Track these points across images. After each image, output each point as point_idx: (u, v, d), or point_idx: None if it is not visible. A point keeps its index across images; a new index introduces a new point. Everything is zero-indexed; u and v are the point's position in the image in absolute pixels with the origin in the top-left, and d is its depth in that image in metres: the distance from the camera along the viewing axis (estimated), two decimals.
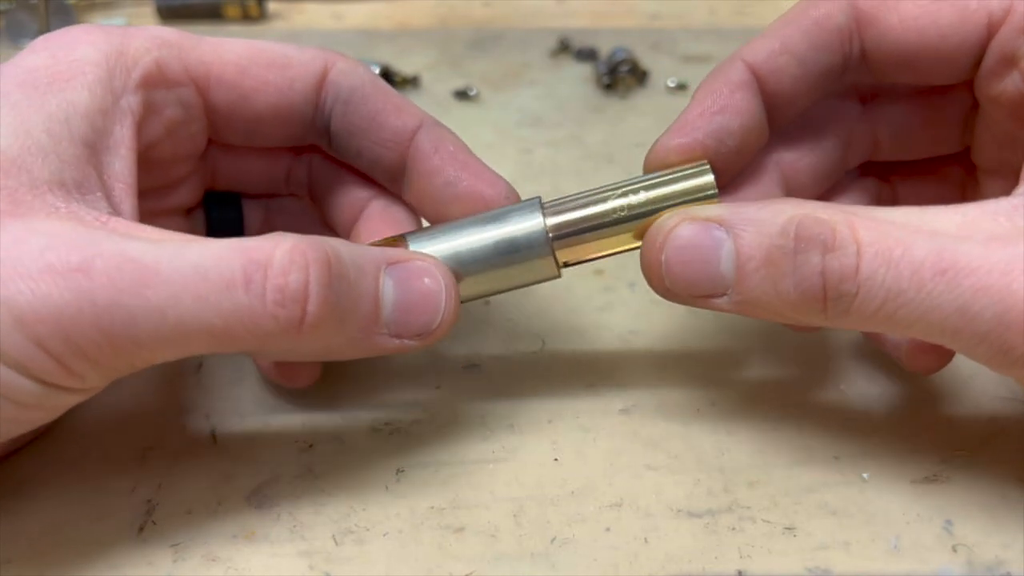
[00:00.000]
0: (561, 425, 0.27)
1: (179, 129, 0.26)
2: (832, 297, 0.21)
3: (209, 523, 0.24)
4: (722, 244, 0.22)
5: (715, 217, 0.23)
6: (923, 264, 0.20)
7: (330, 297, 0.21)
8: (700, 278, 0.23)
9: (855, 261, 0.20)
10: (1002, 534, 0.23)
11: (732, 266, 0.22)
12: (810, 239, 0.21)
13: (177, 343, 0.20)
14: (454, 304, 0.24)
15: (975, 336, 0.20)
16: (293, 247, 0.20)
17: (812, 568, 0.22)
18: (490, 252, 0.25)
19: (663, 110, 0.50)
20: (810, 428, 0.27)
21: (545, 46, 0.60)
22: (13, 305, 0.19)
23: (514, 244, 0.24)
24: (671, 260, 0.23)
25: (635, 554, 0.23)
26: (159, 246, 0.20)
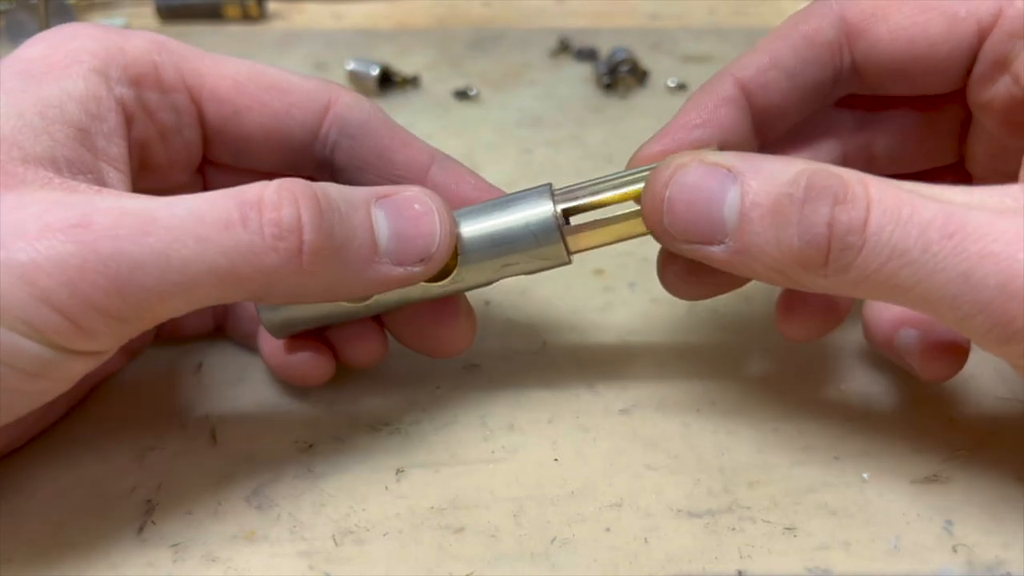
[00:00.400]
0: (561, 425, 0.27)
1: (172, 135, 0.26)
2: (836, 249, 0.20)
3: (209, 523, 0.24)
4: (728, 189, 0.22)
5: (726, 163, 0.22)
6: (931, 225, 0.20)
7: (324, 226, 0.21)
8: (700, 221, 0.22)
9: (864, 215, 0.20)
10: (1002, 534, 0.23)
11: (735, 212, 0.22)
12: (822, 189, 0.21)
13: (186, 287, 0.20)
14: (448, 226, 0.24)
15: (976, 304, 0.19)
16: (280, 185, 0.21)
17: (812, 568, 0.22)
18: (501, 237, 0.25)
19: (663, 110, 0.50)
20: (810, 428, 0.27)
21: (545, 46, 0.60)
22: (15, 263, 0.19)
23: (525, 230, 0.24)
24: (674, 198, 0.22)
25: (635, 554, 0.23)
26: (153, 200, 0.21)
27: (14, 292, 0.19)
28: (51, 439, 0.27)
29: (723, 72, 0.26)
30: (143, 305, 0.20)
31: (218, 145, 0.27)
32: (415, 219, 0.23)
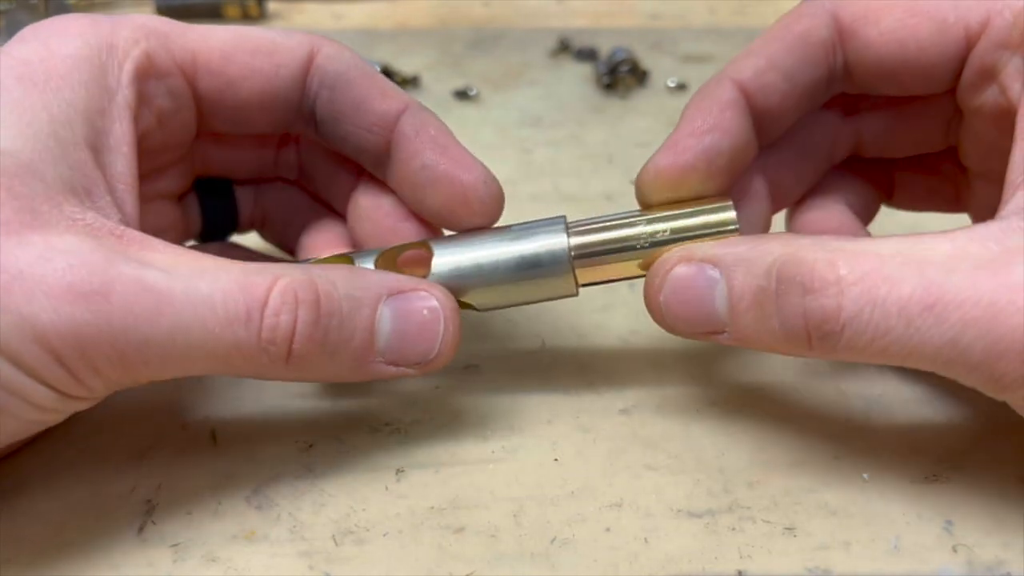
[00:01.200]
0: (561, 425, 0.27)
1: (169, 118, 0.26)
2: (816, 336, 0.21)
3: (209, 523, 0.24)
4: (716, 284, 0.23)
5: (709, 257, 0.23)
6: (910, 300, 0.20)
7: (316, 336, 0.22)
8: (697, 317, 0.24)
9: (837, 301, 0.21)
10: (1002, 534, 0.23)
11: (726, 305, 0.23)
12: (790, 280, 0.21)
13: (182, 366, 0.21)
14: (453, 334, 0.24)
15: (967, 366, 0.20)
16: (286, 288, 0.22)
17: (812, 568, 0.22)
18: (512, 267, 0.25)
19: (663, 110, 0.50)
20: (810, 428, 0.27)
21: (545, 46, 0.60)
22: (36, 322, 0.19)
23: (537, 260, 0.25)
24: (669, 300, 0.24)
25: (635, 554, 0.23)
26: (172, 275, 0.21)
27: (31, 347, 0.20)
28: (51, 439, 0.27)
29: (722, 76, 0.26)
30: (140, 372, 0.21)
31: (213, 117, 0.27)
32: (420, 325, 0.24)
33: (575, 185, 0.42)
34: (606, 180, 0.42)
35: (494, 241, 0.25)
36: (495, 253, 0.25)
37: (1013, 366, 0.20)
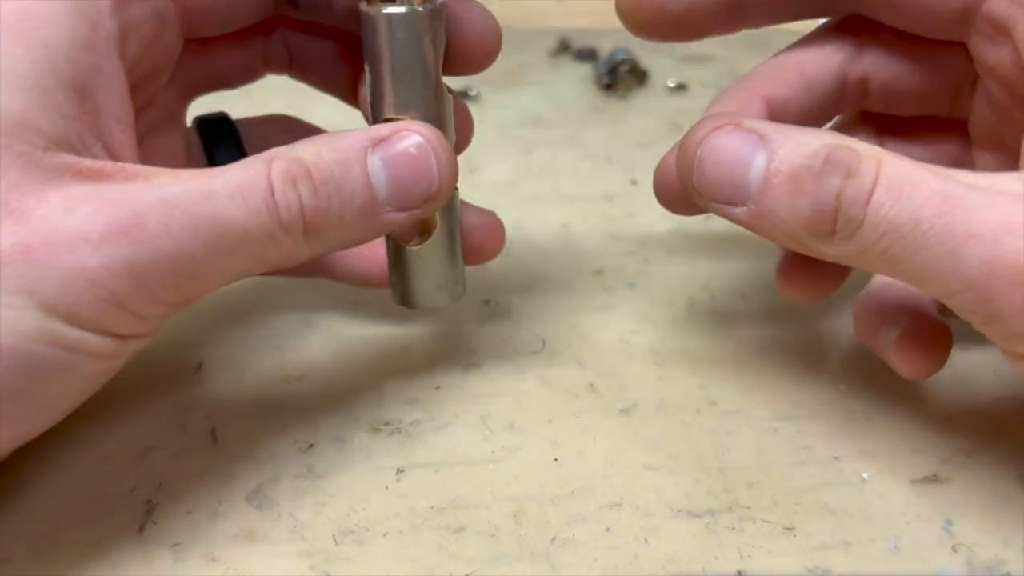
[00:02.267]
0: (561, 425, 0.27)
1: (155, 41, 0.25)
2: (842, 219, 0.21)
3: (209, 523, 0.24)
4: (756, 154, 0.22)
5: (760, 129, 0.23)
6: (925, 204, 0.20)
7: (320, 205, 0.22)
8: (727, 182, 0.23)
9: (869, 189, 0.21)
10: (1002, 534, 0.23)
11: (760, 177, 0.22)
12: (837, 163, 0.21)
13: (226, 271, 0.22)
14: (448, 163, 0.24)
15: (962, 281, 0.20)
16: (281, 169, 0.22)
17: (812, 568, 0.22)
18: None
19: (663, 110, 0.50)
20: (810, 428, 0.27)
21: (545, 46, 0.60)
22: (87, 270, 0.19)
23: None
24: (705, 158, 0.23)
25: (635, 554, 0.23)
26: (189, 188, 0.21)
27: (87, 298, 0.20)
28: (51, 439, 0.27)
29: None
30: (192, 290, 0.22)
31: (202, 23, 0.26)
32: (413, 165, 0.23)
33: (575, 185, 0.42)
34: (606, 180, 0.42)
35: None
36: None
37: (1005, 290, 0.20)
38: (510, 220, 0.30)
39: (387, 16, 0.24)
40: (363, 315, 0.32)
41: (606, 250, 0.36)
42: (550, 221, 0.38)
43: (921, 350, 0.25)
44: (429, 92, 0.25)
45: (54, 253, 0.19)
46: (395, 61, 0.25)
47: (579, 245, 0.37)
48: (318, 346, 0.31)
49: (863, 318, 0.27)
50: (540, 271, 0.35)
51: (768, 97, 0.27)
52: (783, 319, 0.32)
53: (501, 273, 0.35)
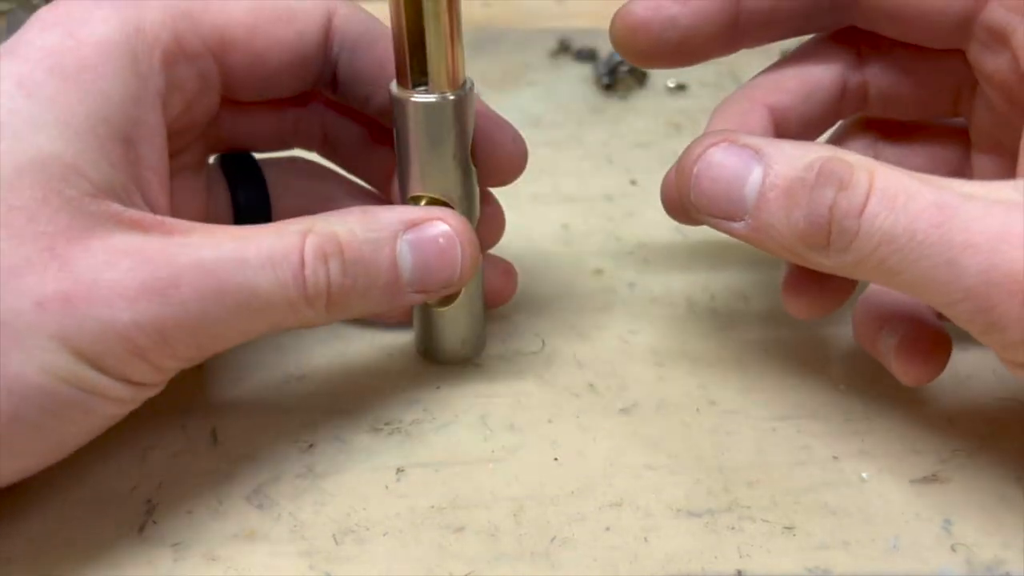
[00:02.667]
0: (561, 425, 0.27)
1: (197, 100, 0.26)
2: (835, 231, 0.21)
3: (209, 523, 0.24)
4: (751, 171, 0.23)
5: (754, 145, 0.23)
6: (922, 214, 0.20)
7: (347, 282, 0.23)
8: (723, 197, 0.23)
9: (863, 201, 0.21)
10: (1001, 534, 0.23)
11: (756, 191, 0.23)
12: (829, 175, 0.21)
13: (245, 333, 0.23)
14: (471, 256, 0.25)
15: (960, 291, 0.20)
16: (315, 244, 0.23)
17: (811, 568, 0.22)
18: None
19: (663, 111, 0.50)
20: (809, 428, 0.27)
21: (545, 46, 0.60)
22: (119, 325, 0.21)
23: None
24: (702, 174, 0.24)
25: (635, 554, 0.23)
26: (222, 254, 0.22)
27: (115, 349, 0.21)
28: None
29: None
30: (212, 350, 0.23)
31: (237, 90, 0.27)
32: (439, 253, 0.25)
33: (575, 185, 0.42)
34: (606, 180, 0.42)
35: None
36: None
37: (1004, 299, 0.20)
38: (510, 220, 0.30)
39: (416, 104, 0.25)
40: None
41: (606, 250, 0.36)
42: (550, 221, 0.38)
43: (920, 357, 0.26)
44: (455, 175, 0.26)
45: (92, 305, 0.20)
46: (424, 146, 0.25)
47: (579, 245, 0.37)
48: (318, 346, 0.31)
49: (862, 324, 0.27)
50: (540, 271, 0.35)
51: (770, 105, 0.27)
52: (783, 320, 0.32)
53: None
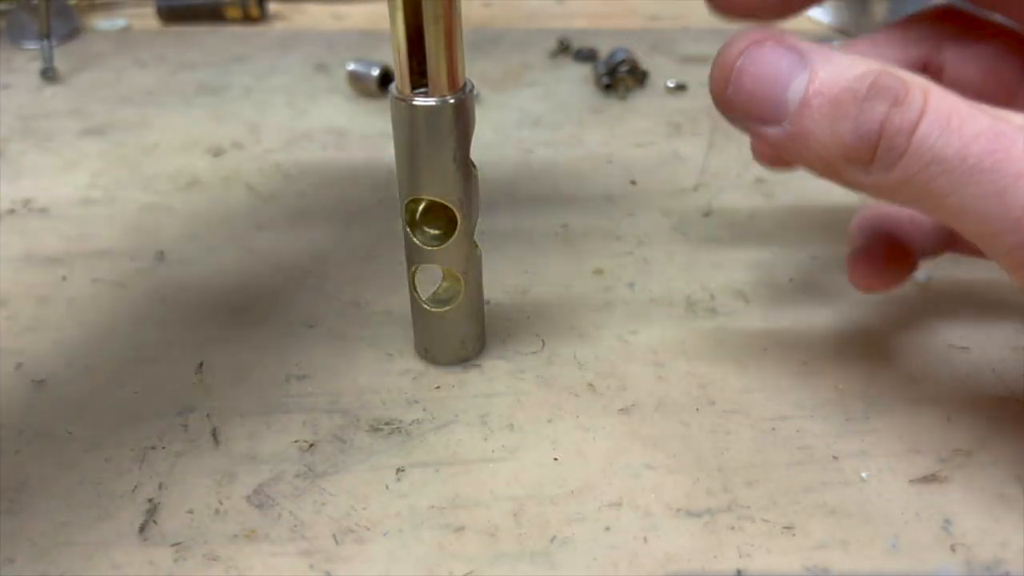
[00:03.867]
0: (561, 425, 0.27)
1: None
2: (884, 147, 0.21)
3: (210, 522, 0.24)
4: (797, 72, 0.22)
5: (802, 48, 0.22)
6: (975, 140, 0.20)
7: None
8: (764, 98, 0.23)
9: (916, 118, 0.21)
10: (1001, 533, 0.23)
11: (799, 96, 0.22)
12: (883, 89, 0.21)
13: None
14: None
15: (1004, 222, 0.20)
16: None
17: (811, 567, 0.22)
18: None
19: (663, 111, 0.50)
20: (809, 428, 0.27)
21: (545, 46, 0.60)
22: None
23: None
24: (744, 70, 0.23)
25: (634, 553, 0.23)
26: None
27: None
28: (52, 439, 0.27)
29: None
30: None
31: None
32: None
33: (575, 185, 0.42)
34: (606, 180, 0.42)
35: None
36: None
37: None
38: (510, 220, 0.30)
39: (416, 107, 0.25)
40: (363, 315, 0.33)
41: (606, 250, 0.36)
42: (550, 221, 0.39)
43: (875, 264, 0.27)
44: (456, 177, 0.26)
45: None
46: (424, 148, 0.25)
47: (579, 245, 0.37)
48: (318, 346, 0.31)
49: (856, 220, 0.29)
50: (540, 271, 0.35)
51: None
52: (782, 319, 0.32)
53: (501, 273, 0.35)
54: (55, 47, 0.61)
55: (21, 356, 0.31)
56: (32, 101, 0.54)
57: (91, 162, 0.46)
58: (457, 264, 0.27)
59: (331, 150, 0.47)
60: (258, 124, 0.50)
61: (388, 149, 0.46)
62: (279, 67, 0.60)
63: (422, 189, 0.26)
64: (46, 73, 0.57)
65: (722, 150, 0.45)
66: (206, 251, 0.37)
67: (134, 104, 0.54)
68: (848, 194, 0.37)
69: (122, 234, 0.39)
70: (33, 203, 0.41)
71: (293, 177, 0.44)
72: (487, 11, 0.71)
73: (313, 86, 0.56)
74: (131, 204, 0.41)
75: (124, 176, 0.44)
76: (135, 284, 0.35)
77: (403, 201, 0.27)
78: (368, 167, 0.45)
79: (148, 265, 0.36)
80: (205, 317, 0.33)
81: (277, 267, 0.36)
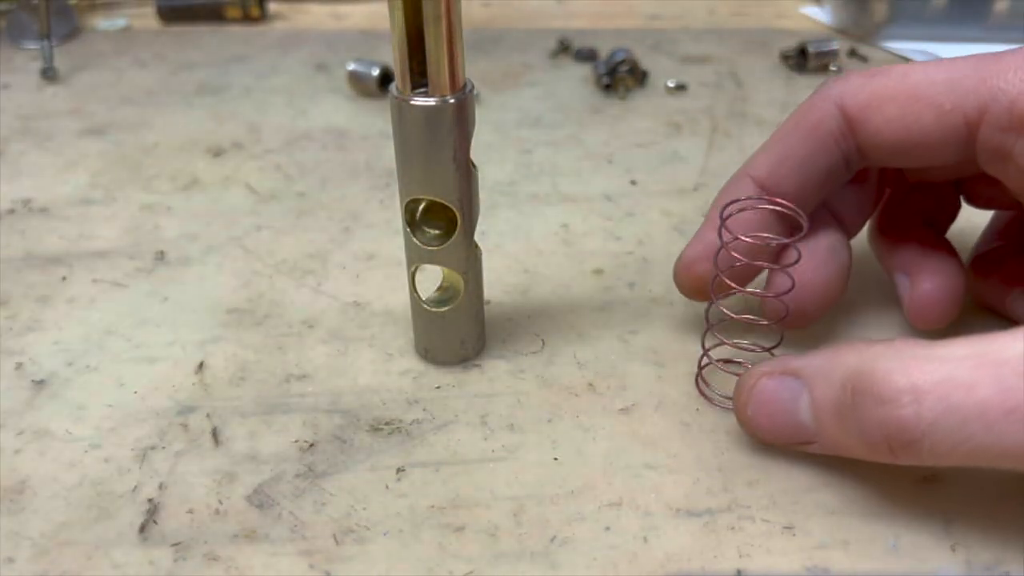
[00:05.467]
0: (561, 425, 0.27)
1: None
2: (897, 446, 0.21)
3: (210, 522, 0.24)
4: (800, 396, 0.24)
5: (790, 369, 0.24)
6: (988, 405, 0.20)
7: None
8: (784, 429, 0.25)
9: (914, 410, 0.20)
10: (1001, 533, 0.23)
11: (811, 416, 0.24)
12: (865, 393, 0.21)
13: None
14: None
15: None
16: None
17: (811, 567, 0.22)
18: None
19: (662, 110, 0.50)
20: None
21: (545, 46, 0.60)
22: None
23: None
24: (755, 414, 0.25)
25: (634, 553, 0.23)
26: None
27: None
28: (52, 439, 0.27)
29: (741, 173, 0.29)
30: None
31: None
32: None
33: (575, 185, 0.42)
34: (606, 180, 0.42)
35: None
36: None
37: None
38: (510, 220, 0.30)
39: (416, 107, 0.25)
40: (363, 315, 0.32)
41: (606, 250, 0.36)
42: (550, 221, 0.39)
43: (929, 305, 0.29)
44: (456, 178, 0.26)
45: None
46: (424, 149, 0.25)
47: (579, 245, 0.37)
48: (318, 346, 0.31)
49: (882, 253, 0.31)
50: (540, 271, 0.35)
51: (764, 186, 0.29)
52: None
53: (501, 273, 0.35)
54: (55, 47, 0.61)
55: (21, 356, 0.31)
56: (32, 101, 0.54)
57: (91, 162, 0.46)
58: (457, 264, 0.27)
59: (331, 150, 0.47)
60: (258, 124, 0.50)
61: (388, 149, 0.46)
62: (279, 67, 0.60)
63: (422, 189, 0.26)
64: (46, 73, 0.57)
65: (722, 150, 0.45)
66: (206, 251, 0.37)
67: (134, 104, 0.54)
68: None
69: (122, 234, 0.39)
70: (33, 203, 0.41)
71: (293, 177, 0.44)
72: (487, 11, 0.71)
73: (313, 86, 0.56)
74: (131, 204, 0.41)
75: (124, 176, 0.44)
76: (135, 284, 0.35)
77: (403, 201, 0.27)
78: (368, 167, 0.45)
79: (148, 265, 0.36)
80: (205, 317, 0.33)
81: (277, 267, 0.36)
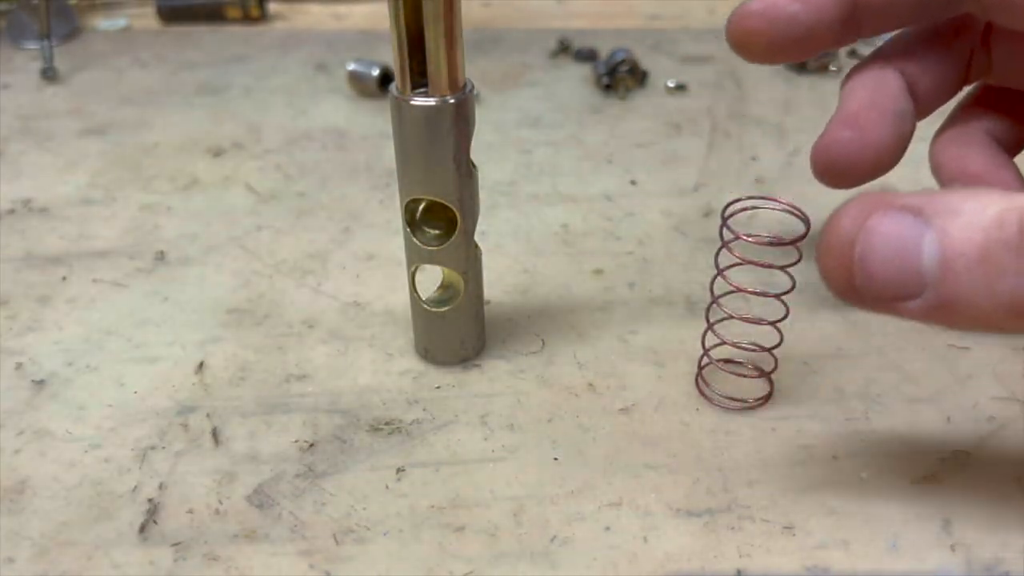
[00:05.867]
0: (561, 425, 0.27)
1: None
2: None
3: (210, 522, 0.24)
4: (922, 236, 0.19)
5: (912, 206, 0.20)
6: None
7: None
8: (899, 277, 0.20)
9: None
10: (1000, 533, 0.23)
11: (935, 263, 0.19)
12: None
13: None
14: None
15: None
16: None
17: (811, 567, 0.22)
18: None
19: (662, 110, 0.50)
20: (809, 428, 0.27)
21: (545, 47, 0.60)
22: None
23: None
24: (869, 256, 0.20)
25: (634, 553, 0.23)
26: None
27: None
28: (52, 439, 0.27)
29: None
30: None
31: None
32: None
33: (575, 185, 0.42)
34: (606, 180, 0.42)
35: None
36: None
37: None
38: (510, 220, 0.30)
39: (416, 107, 0.25)
40: (363, 315, 0.33)
41: (606, 250, 0.36)
42: (550, 221, 0.39)
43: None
44: (456, 177, 0.26)
45: None
46: (424, 148, 0.25)
47: (579, 245, 0.37)
48: (318, 346, 0.31)
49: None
50: (540, 271, 0.35)
51: (902, 70, 0.27)
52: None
53: (501, 273, 0.35)
54: (55, 47, 0.61)
55: (21, 356, 0.31)
56: (32, 101, 0.54)
57: (91, 162, 0.46)
58: (457, 264, 0.27)
59: (331, 150, 0.47)
60: (258, 124, 0.50)
61: (388, 149, 0.46)
62: (279, 67, 0.60)
63: (422, 189, 0.26)
64: (46, 73, 0.57)
65: (722, 150, 0.45)
66: (206, 251, 0.37)
67: (134, 104, 0.54)
68: (847, 193, 0.37)
69: (122, 234, 0.39)
70: (33, 203, 0.41)
71: (293, 177, 0.44)
72: (487, 11, 0.71)
73: (313, 86, 0.56)
74: (131, 204, 0.41)
75: (124, 176, 0.44)
76: (135, 284, 0.35)
77: (403, 201, 0.27)
78: (368, 167, 0.45)
79: (148, 265, 0.36)
80: (205, 317, 0.33)
81: (277, 267, 0.36)
